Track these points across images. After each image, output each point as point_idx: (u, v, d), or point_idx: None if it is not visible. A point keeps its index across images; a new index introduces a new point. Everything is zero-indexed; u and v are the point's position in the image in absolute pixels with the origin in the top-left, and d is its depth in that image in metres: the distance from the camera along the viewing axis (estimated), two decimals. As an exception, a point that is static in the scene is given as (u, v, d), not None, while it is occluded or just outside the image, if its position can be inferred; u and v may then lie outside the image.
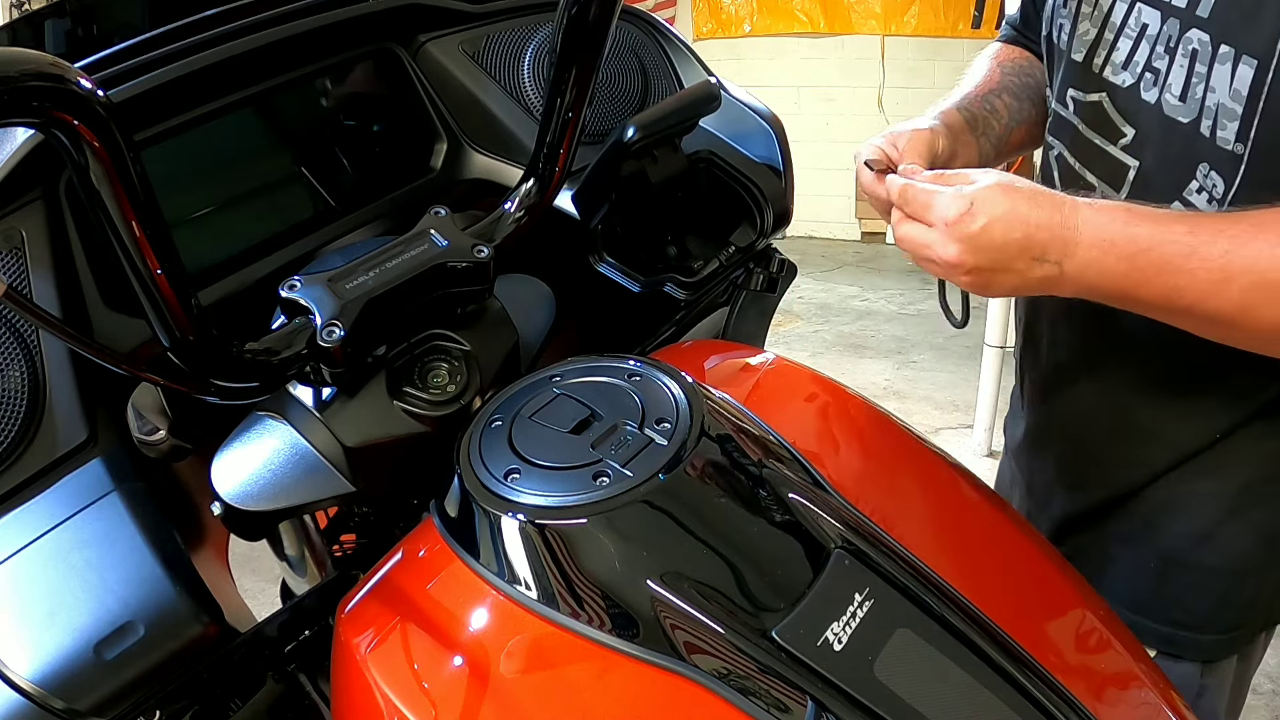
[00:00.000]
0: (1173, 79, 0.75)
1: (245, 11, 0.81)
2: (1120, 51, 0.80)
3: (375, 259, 0.67)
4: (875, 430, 0.77)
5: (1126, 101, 0.80)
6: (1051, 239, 0.69)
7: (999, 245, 0.69)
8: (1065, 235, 0.69)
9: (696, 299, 0.90)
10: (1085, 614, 0.69)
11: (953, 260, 0.71)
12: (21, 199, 0.70)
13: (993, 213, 0.69)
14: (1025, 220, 0.69)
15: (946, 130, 0.92)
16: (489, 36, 0.96)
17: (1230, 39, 0.70)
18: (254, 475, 0.66)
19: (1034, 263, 0.70)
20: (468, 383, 0.69)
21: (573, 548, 0.57)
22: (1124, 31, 0.80)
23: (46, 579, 0.60)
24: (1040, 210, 0.69)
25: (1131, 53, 0.79)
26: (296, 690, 0.76)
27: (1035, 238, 0.69)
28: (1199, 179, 0.75)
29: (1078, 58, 0.85)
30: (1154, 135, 0.79)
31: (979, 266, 0.70)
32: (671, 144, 0.87)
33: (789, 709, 0.53)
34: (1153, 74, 0.77)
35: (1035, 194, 0.70)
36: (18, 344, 0.66)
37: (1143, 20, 0.78)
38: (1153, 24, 0.77)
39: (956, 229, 0.70)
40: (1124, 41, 0.80)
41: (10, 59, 0.45)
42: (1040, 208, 0.69)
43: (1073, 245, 0.69)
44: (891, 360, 3.75)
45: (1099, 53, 0.82)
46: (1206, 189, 0.75)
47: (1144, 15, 0.78)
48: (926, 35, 4.59)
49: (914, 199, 0.73)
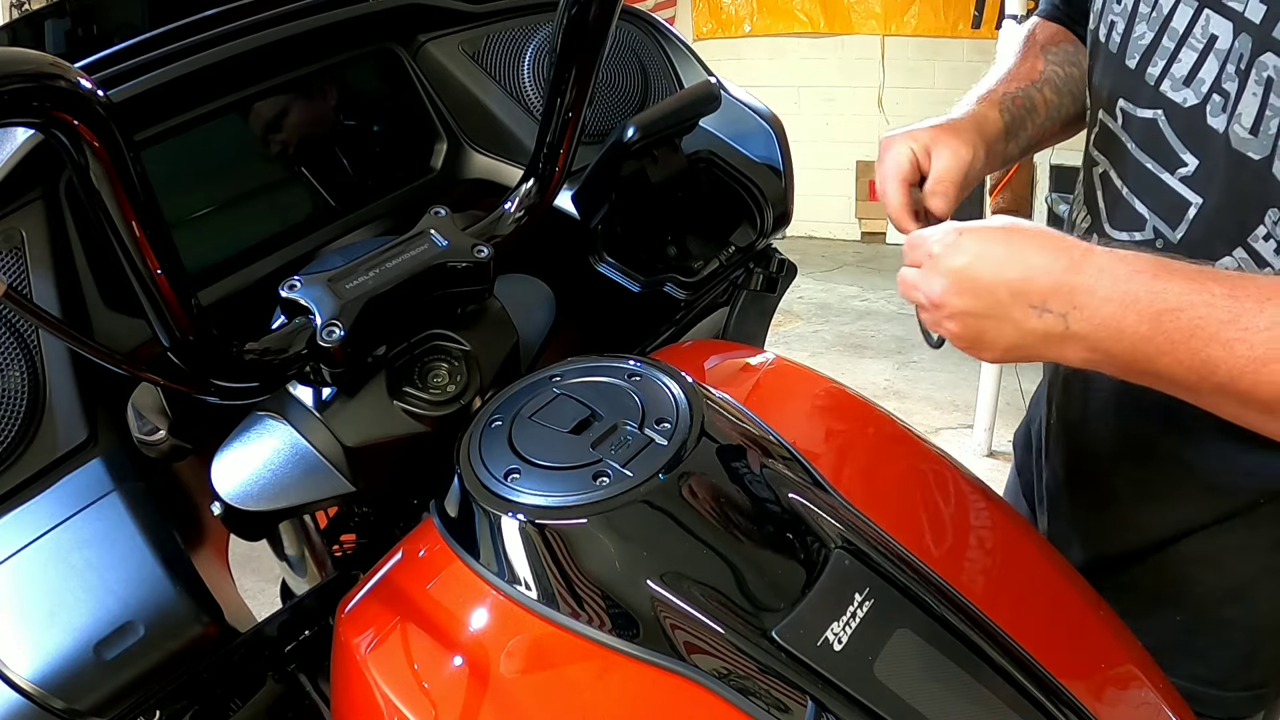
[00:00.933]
0: (1244, 107, 0.65)
1: (245, 11, 0.81)
2: (1182, 64, 0.69)
3: (375, 259, 0.67)
4: (875, 430, 0.77)
5: (1189, 124, 0.70)
6: (1055, 286, 0.59)
7: (988, 286, 0.61)
8: (1074, 283, 0.59)
9: (696, 299, 0.90)
10: (1085, 614, 0.69)
11: (936, 299, 0.64)
12: (21, 199, 0.70)
13: (982, 248, 0.62)
14: (1023, 261, 0.60)
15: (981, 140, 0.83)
16: (489, 36, 0.96)
17: None
18: (254, 475, 0.66)
19: (1032, 312, 0.60)
20: (468, 383, 0.69)
21: (573, 548, 0.57)
22: (1187, 41, 0.69)
23: (46, 579, 0.60)
24: (1044, 254, 0.60)
25: (1196, 68, 0.68)
26: (296, 690, 0.76)
27: (1035, 281, 0.60)
28: (1268, 225, 0.66)
29: (1131, 64, 0.74)
30: (1220, 170, 0.68)
31: (966, 311, 0.63)
32: (671, 144, 0.87)
33: (789, 709, 0.53)
34: (1222, 96, 0.66)
35: (1042, 236, 0.61)
36: (18, 344, 0.66)
37: (1211, 30, 0.67)
38: (1223, 36, 0.66)
39: (942, 262, 0.63)
40: (1187, 53, 0.69)
41: (10, 59, 0.45)
42: (1044, 251, 0.60)
43: (1083, 296, 0.59)
44: (891, 360, 3.75)
45: (1155, 62, 0.72)
46: (1276, 236, 0.66)
47: (1213, 25, 0.67)
48: (926, 35, 4.60)
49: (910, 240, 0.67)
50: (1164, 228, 0.75)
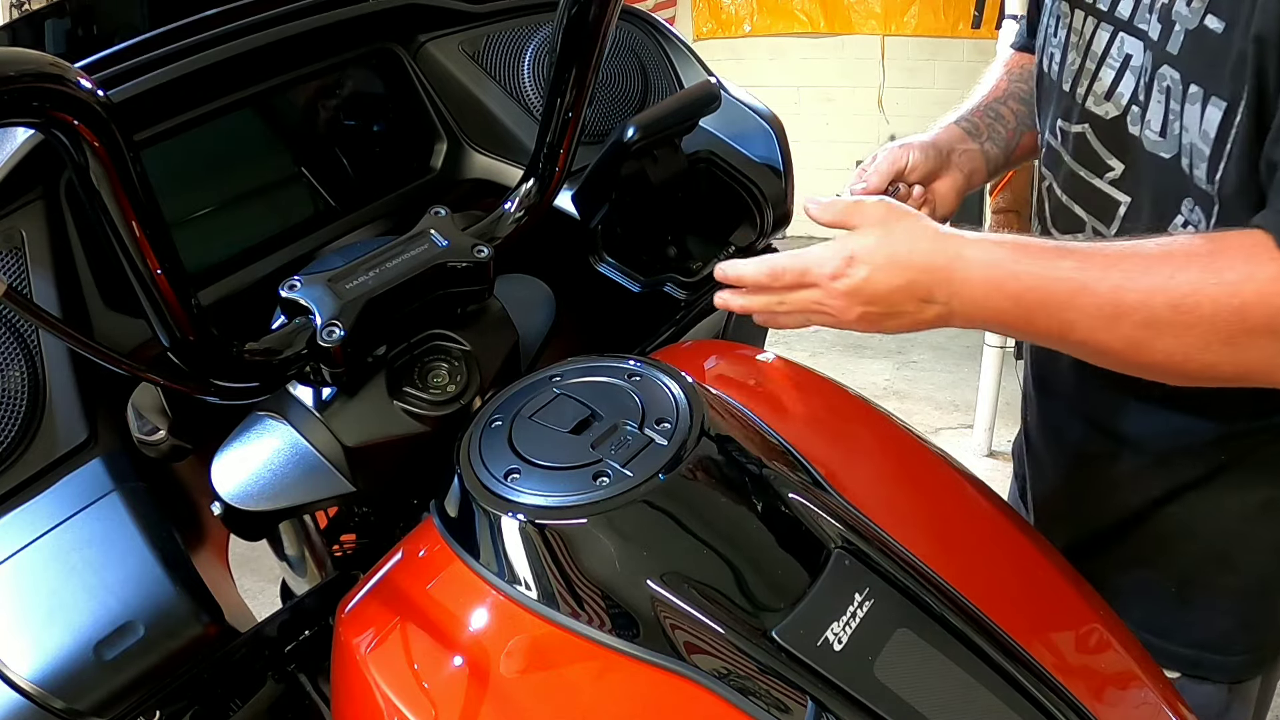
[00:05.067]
0: (1151, 114, 0.73)
1: (245, 11, 0.81)
2: (1102, 82, 0.78)
3: (375, 259, 0.67)
4: (875, 430, 0.77)
5: (1111, 134, 0.79)
6: (934, 281, 0.68)
7: (884, 294, 0.69)
8: (949, 275, 0.68)
9: (696, 299, 0.90)
10: (1085, 613, 0.69)
11: (841, 313, 0.71)
12: (21, 199, 0.70)
13: (873, 261, 0.69)
14: (907, 264, 0.68)
15: (933, 146, 0.92)
16: (489, 36, 0.96)
17: (1199, 79, 0.68)
18: (254, 475, 0.66)
19: (922, 304, 0.69)
20: (468, 383, 0.69)
21: (573, 548, 0.57)
22: (1106, 61, 0.78)
23: (46, 579, 0.60)
24: (919, 253, 0.69)
25: (1115, 83, 0.77)
26: (296, 690, 0.76)
27: (919, 281, 0.68)
28: (1184, 213, 0.74)
29: (1066, 87, 0.84)
30: (1142, 170, 0.77)
31: (868, 314, 0.71)
32: (671, 144, 0.87)
33: (789, 709, 0.53)
34: (1139, 107, 0.75)
35: (914, 233, 0.70)
36: (18, 344, 0.66)
37: (1125, 50, 0.76)
38: (1136, 55, 0.75)
39: (840, 283, 0.70)
40: (1106, 71, 0.78)
41: (10, 59, 0.45)
42: (918, 249, 0.69)
43: (959, 283, 0.68)
44: (891, 360, 3.75)
45: (1082, 82, 0.81)
46: (1192, 222, 0.73)
47: (1126, 45, 0.76)
48: (926, 35, 4.59)
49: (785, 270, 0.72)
50: (1100, 226, 0.83)
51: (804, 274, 0.72)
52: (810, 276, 0.71)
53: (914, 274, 0.69)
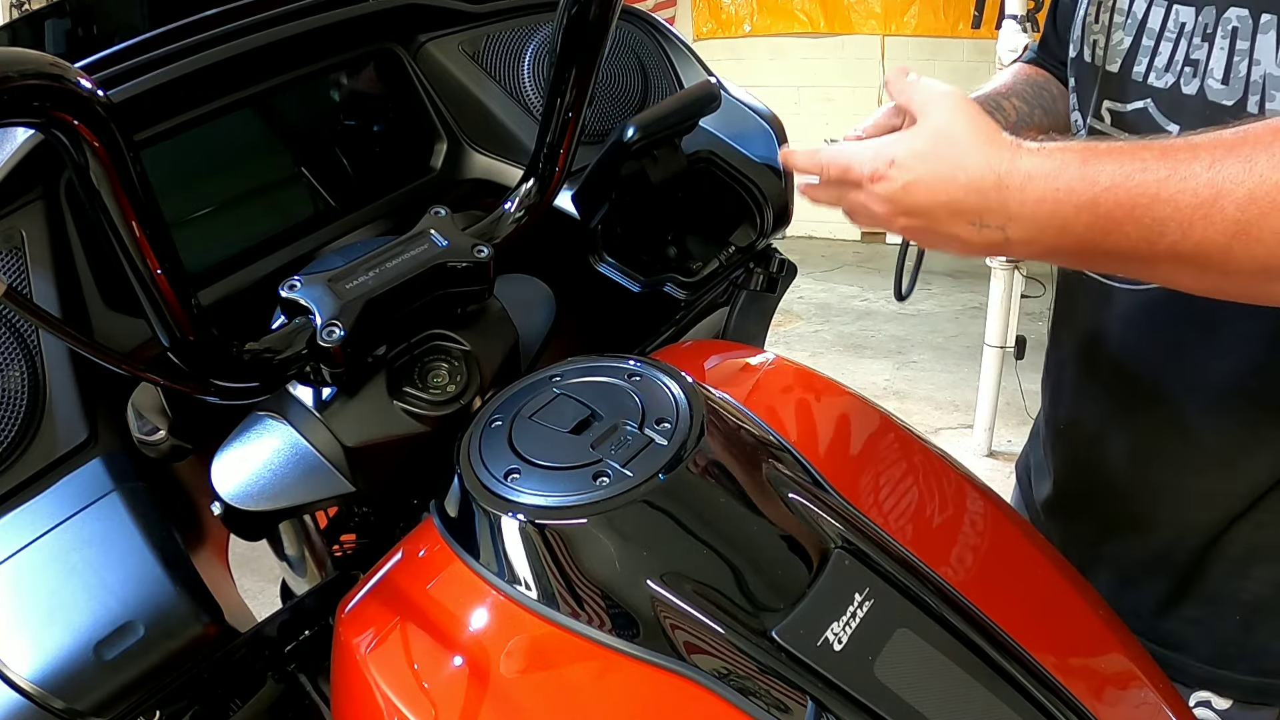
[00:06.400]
0: (1214, 64, 0.71)
1: (245, 11, 0.81)
2: (1162, 55, 0.76)
3: (375, 259, 0.67)
4: (875, 430, 0.77)
5: (1170, 102, 0.76)
6: (985, 205, 0.61)
7: (925, 208, 0.63)
8: (1003, 197, 0.61)
9: (696, 299, 0.90)
10: (1085, 614, 0.69)
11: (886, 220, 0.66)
12: (21, 199, 0.70)
13: (914, 173, 0.63)
14: (949, 181, 0.62)
15: None
16: (489, 36, 0.96)
17: (1271, 7, 0.66)
18: (254, 475, 0.66)
19: (970, 227, 0.63)
20: (468, 383, 0.69)
21: (573, 548, 0.57)
22: (1164, 35, 0.76)
23: (46, 579, 0.60)
24: (967, 169, 0.61)
25: (1172, 54, 0.75)
26: (296, 690, 0.76)
27: (964, 202, 0.62)
28: None
29: (1113, 69, 0.80)
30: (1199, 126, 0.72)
31: (910, 227, 0.65)
32: (671, 144, 0.87)
33: (789, 709, 0.53)
34: (1191, 67, 0.73)
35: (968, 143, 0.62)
36: (18, 344, 0.66)
37: (1180, 20, 0.74)
38: (1189, 20, 0.73)
39: (879, 188, 0.65)
40: (1165, 45, 0.76)
41: (10, 59, 0.45)
42: (967, 164, 0.61)
43: (1015, 206, 0.61)
44: (891, 360, 3.76)
45: (1139, 60, 0.78)
46: None
47: (1181, 15, 0.74)
48: (926, 35, 4.60)
49: (831, 161, 0.68)
50: None
51: (846, 171, 0.67)
52: (851, 175, 0.67)
53: (958, 193, 0.62)
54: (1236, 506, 0.81)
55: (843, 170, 0.67)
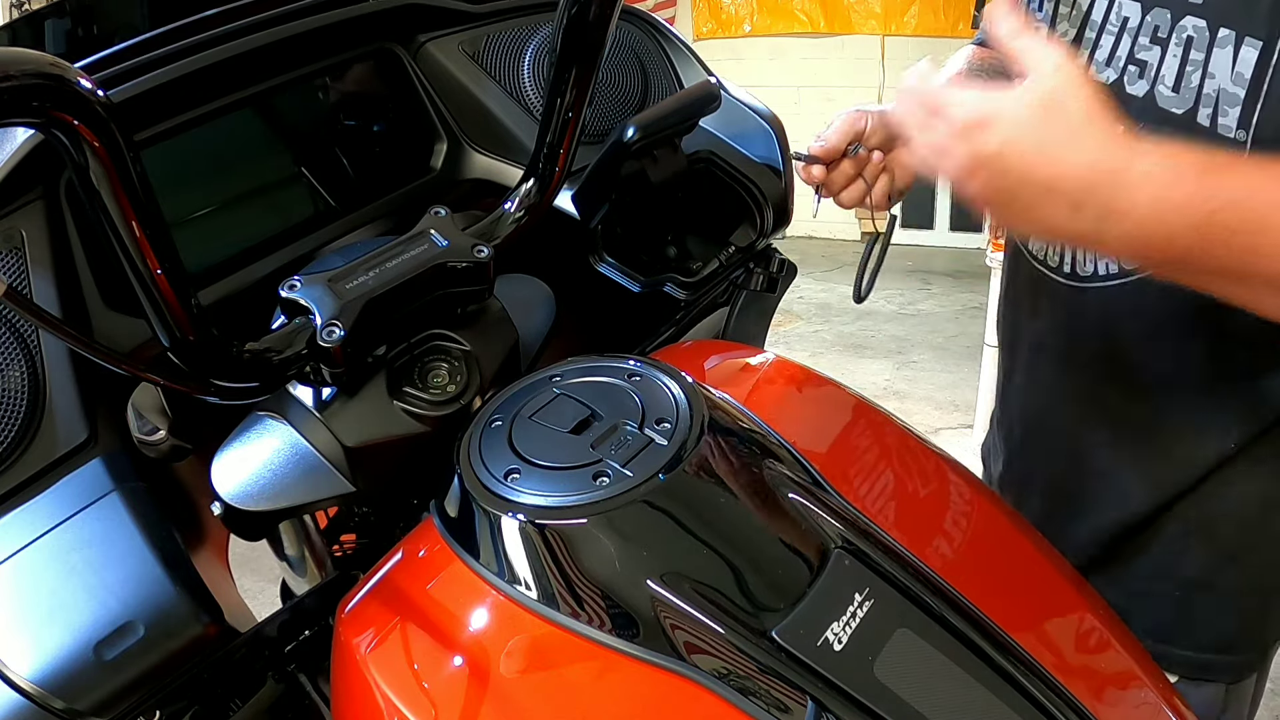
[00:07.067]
0: (1165, 70, 0.71)
1: (245, 11, 0.81)
2: (1103, 49, 0.77)
3: (375, 259, 0.67)
4: (875, 430, 0.77)
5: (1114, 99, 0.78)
6: (1091, 193, 0.56)
7: (1015, 180, 0.58)
8: (1115, 193, 0.56)
9: (696, 299, 0.90)
10: (1085, 613, 0.69)
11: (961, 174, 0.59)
12: (21, 199, 0.70)
13: (1014, 135, 0.57)
14: (1056, 159, 0.56)
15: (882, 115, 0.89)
16: (489, 36, 0.96)
17: (1230, 22, 0.66)
18: (254, 475, 0.66)
19: (1061, 211, 0.57)
20: (468, 383, 0.69)
21: (573, 548, 0.57)
22: (1105, 29, 0.77)
23: (46, 579, 0.60)
24: (1085, 151, 0.56)
25: (1114, 49, 0.76)
26: (296, 690, 0.76)
27: (1066, 185, 0.57)
28: None
29: None
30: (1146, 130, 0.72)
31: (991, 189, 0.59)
32: (671, 144, 0.87)
33: (789, 709, 0.53)
34: (1137, 66, 0.73)
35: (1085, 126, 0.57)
36: (18, 344, 0.66)
37: (1123, 14, 0.75)
38: (1134, 17, 0.74)
39: (967, 138, 0.58)
40: (1106, 38, 0.77)
41: (10, 59, 0.45)
42: (1085, 147, 0.56)
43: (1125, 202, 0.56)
44: (891, 360, 3.76)
45: (1081, 53, 0.78)
46: None
47: (1124, 9, 0.74)
48: (926, 35, 4.60)
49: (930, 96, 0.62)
50: None
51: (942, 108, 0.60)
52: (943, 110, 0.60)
53: (1061, 173, 0.56)
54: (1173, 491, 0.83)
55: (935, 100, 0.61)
